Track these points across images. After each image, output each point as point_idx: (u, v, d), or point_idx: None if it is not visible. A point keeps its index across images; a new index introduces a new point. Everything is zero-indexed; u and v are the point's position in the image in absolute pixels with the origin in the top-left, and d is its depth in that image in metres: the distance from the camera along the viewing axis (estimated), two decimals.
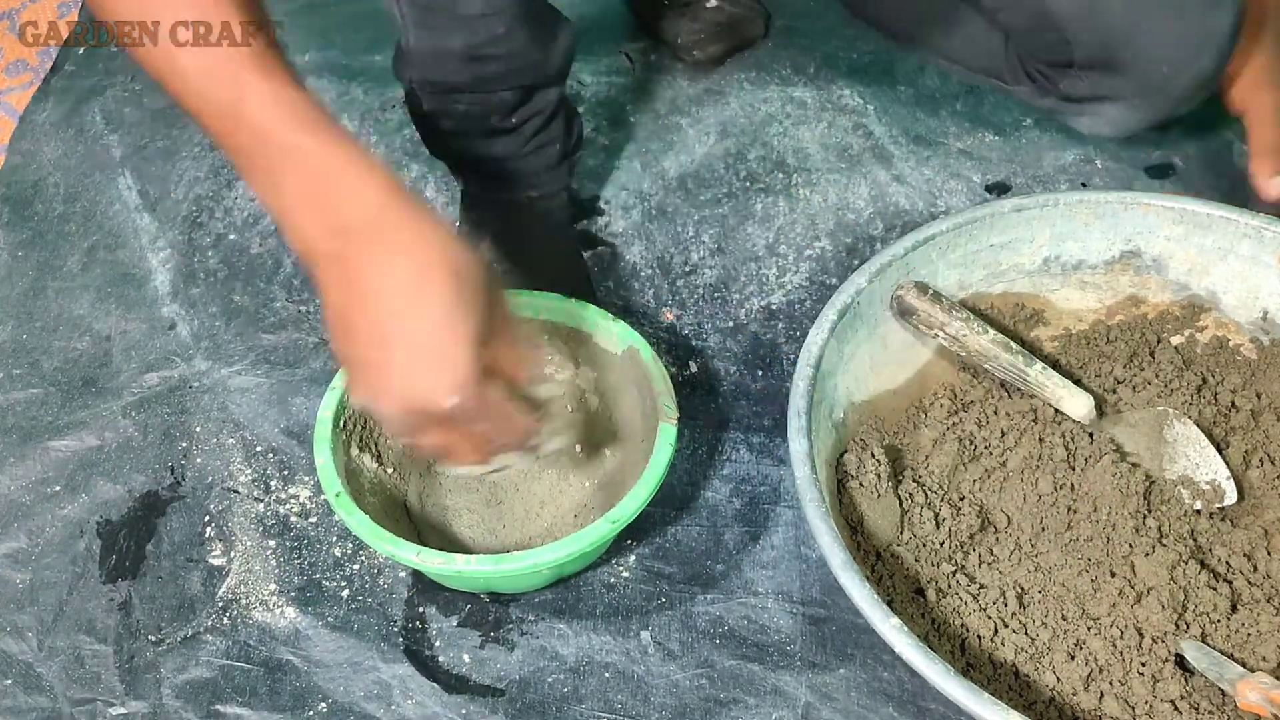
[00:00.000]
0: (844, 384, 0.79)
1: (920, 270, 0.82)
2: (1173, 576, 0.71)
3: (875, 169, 1.10)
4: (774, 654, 0.77)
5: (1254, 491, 0.78)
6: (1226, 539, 0.75)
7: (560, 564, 0.72)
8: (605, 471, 0.83)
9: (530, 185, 0.98)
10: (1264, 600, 0.71)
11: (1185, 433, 0.79)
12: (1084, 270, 0.86)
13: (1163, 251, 0.84)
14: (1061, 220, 0.83)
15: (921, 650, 0.62)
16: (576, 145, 0.99)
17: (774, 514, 0.84)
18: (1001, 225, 0.83)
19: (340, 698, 0.75)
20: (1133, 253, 0.85)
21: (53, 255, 1.04)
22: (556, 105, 0.93)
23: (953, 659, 0.70)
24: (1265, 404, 0.82)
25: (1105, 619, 0.71)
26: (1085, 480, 0.76)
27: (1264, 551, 0.74)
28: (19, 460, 0.88)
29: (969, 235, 0.82)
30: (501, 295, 0.61)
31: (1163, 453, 0.79)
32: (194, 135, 1.14)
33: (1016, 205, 0.83)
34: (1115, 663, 0.69)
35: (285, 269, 1.02)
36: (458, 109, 0.90)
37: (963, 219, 0.82)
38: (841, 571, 0.65)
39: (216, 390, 0.93)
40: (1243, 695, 0.65)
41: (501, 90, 0.88)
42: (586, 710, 0.75)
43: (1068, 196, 0.83)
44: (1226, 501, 0.77)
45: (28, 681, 0.76)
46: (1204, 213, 0.82)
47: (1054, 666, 0.70)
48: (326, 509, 0.85)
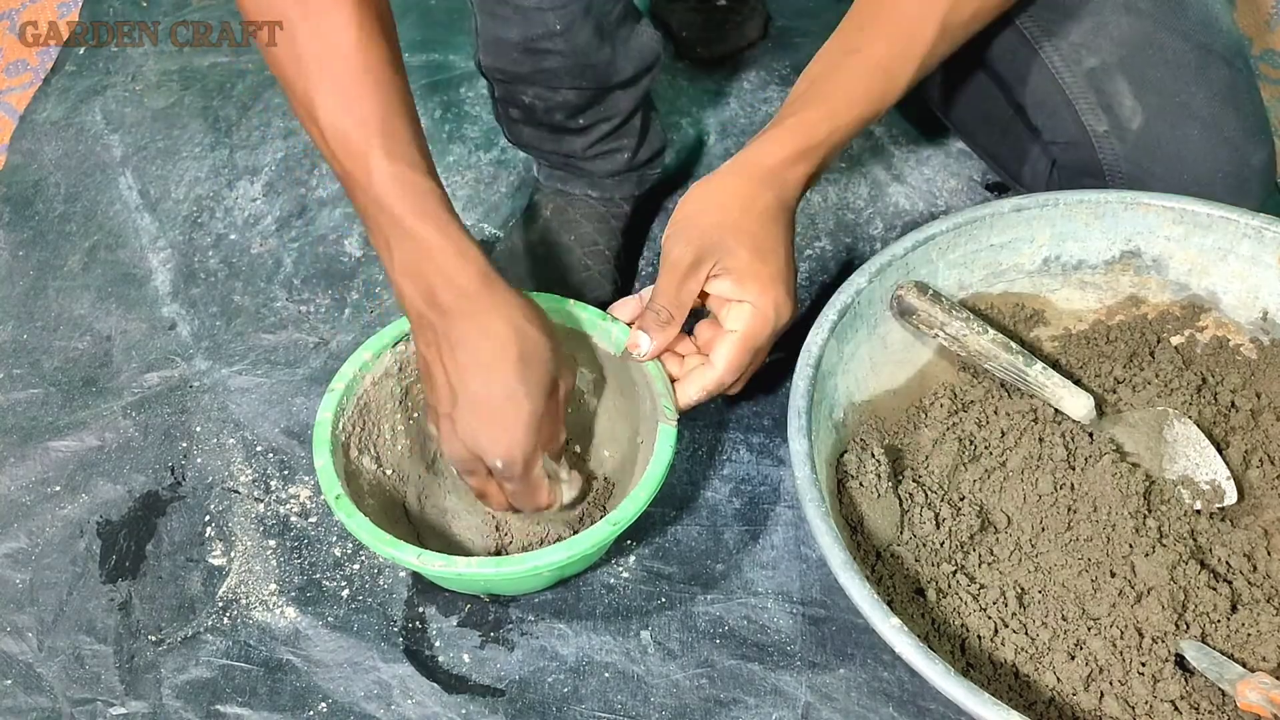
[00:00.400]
0: (844, 384, 0.79)
1: (920, 270, 0.82)
2: (1173, 576, 0.71)
3: (875, 169, 1.10)
4: (774, 654, 0.77)
5: (1254, 491, 0.78)
6: (1226, 539, 0.75)
7: (561, 566, 0.72)
8: (605, 472, 0.83)
9: (592, 186, 0.98)
10: (1264, 600, 0.71)
11: (1185, 433, 0.79)
12: (1084, 270, 0.86)
13: (1163, 252, 0.84)
14: (1062, 220, 0.83)
15: (921, 650, 0.62)
16: (653, 158, 0.99)
17: (774, 514, 0.84)
18: (1001, 225, 0.83)
19: (340, 698, 0.75)
20: (1133, 253, 0.85)
21: (53, 255, 1.04)
22: (631, 112, 0.93)
23: (952, 659, 0.70)
24: (1265, 404, 0.82)
25: (1105, 619, 0.71)
26: (1085, 480, 0.76)
27: (1264, 551, 0.74)
28: (19, 460, 0.88)
29: (969, 235, 0.82)
30: (559, 377, 0.71)
31: (1163, 453, 0.79)
32: (194, 135, 1.14)
33: (1016, 205, 0.82)
34: (1115, 663, 0.69)
35: (285, 269, 1.02)
36: (524, 100, 0.90)
37: (962, 219, 0.82)
38: (841, 571, 0.65)
39: (217, 390, 0.93)
40: (1242, 695, 0.64)
41: (565, 89, 0.88)
42: (586, 710, 0.75)
43: (1067, 196, 0.83)
44: (1226, 501, 0.77)
45: (28, 681, 0.77)
46: (1204, 213, 0.81)
47: (1054, 666, 0.70)
48: (326, 509, 0.85)
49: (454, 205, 0.71)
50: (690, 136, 1.14)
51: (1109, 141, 0.86)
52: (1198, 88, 0.83)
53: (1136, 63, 0.84)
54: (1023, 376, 0.80)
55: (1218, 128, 0.83)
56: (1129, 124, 0.85)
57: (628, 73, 0.89)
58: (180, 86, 1.19)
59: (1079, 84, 0.86)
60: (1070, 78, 0.86)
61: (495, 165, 1.11)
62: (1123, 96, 0.85)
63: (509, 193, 1.09)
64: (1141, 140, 0.85)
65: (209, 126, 1.15)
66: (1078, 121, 0.87)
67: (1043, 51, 0.87)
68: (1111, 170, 0.86)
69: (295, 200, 1.08)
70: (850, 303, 0.78)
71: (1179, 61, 0.84)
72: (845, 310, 0.77)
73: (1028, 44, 0.88)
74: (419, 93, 1.17)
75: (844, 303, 0.78)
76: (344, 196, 1.08)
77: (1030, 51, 0.88)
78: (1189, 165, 0.84)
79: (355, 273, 1.02)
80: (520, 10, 0.81)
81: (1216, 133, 0.83)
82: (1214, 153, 0.83)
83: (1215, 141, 0.83)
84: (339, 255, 1.04)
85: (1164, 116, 0.84)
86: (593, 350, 0.83)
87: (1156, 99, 0.84)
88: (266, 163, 1.12)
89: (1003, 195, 1.07)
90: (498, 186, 1.09)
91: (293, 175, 1.11)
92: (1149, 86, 0.84)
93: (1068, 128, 0.88)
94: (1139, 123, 0.84)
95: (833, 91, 0.77)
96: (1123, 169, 0.86)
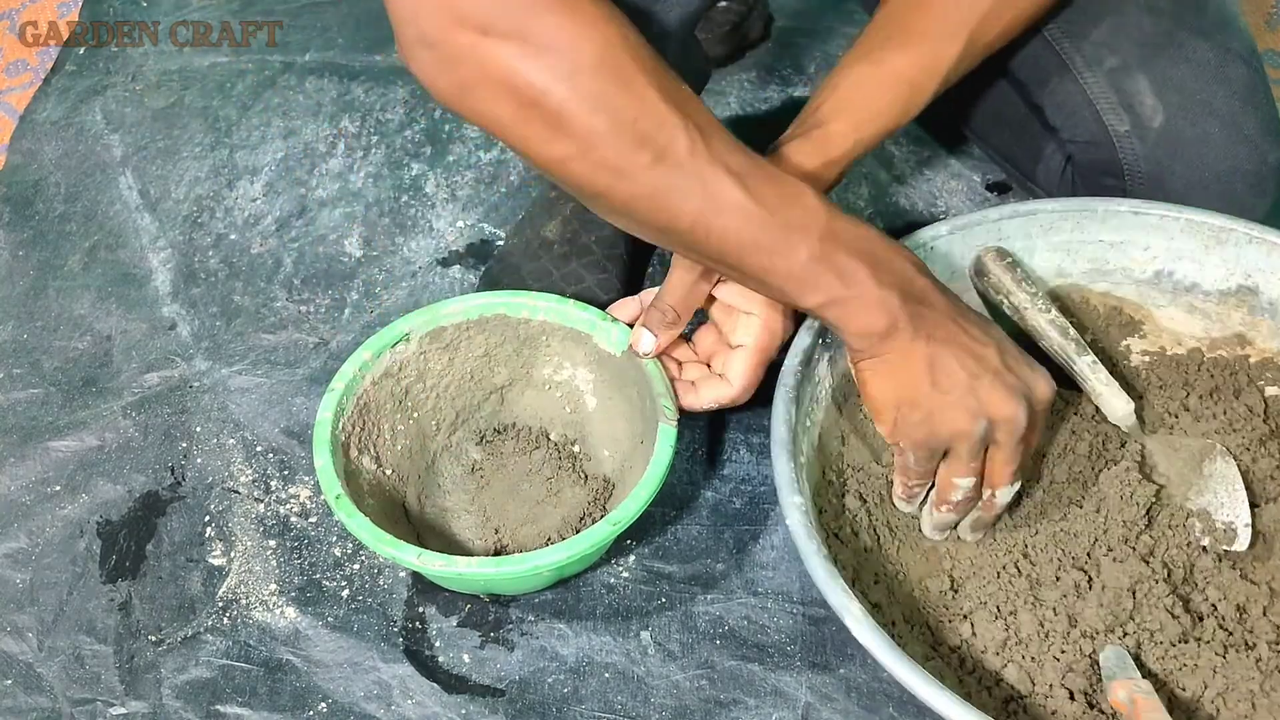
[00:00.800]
0: None
1: (1016, 242, 0.81)
2: (1134, 588, 0.70)
3: (875, 169, 1.10)
4: (774, 654, 0.77)
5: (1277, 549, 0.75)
6: (1225, 583, 0.72)
7: (561, 566, 0.72)
8: (605, 472, 0.83)
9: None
10: (1225, 644, 0.69)
11: (1224, 471, 0.77)
12: (1196, 294, 0.83)
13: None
14: (1181, 235, 0.81)
15: (827, 569, 0.65)
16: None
17: (774, 514, 0.84)
18: (1115, 223, 0.81)
19: (340, 698, 0.75)
20: (1250, 289, 0.81)
21: (53, 255, 1.04)
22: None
23: (875, 590, 0.71)
24: None
25: (1048, 601, 0.71)
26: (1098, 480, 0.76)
27: (1260, 609, 0.71)
28: (19, 460, 0.88)
29: (1076, 223, 0.81)
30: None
31: (1194, 483, 0.77)
32: (194, 135, 1.14)
33: (1134, 208, 0.81)
34: (1035, 639, 0.69)
35: (285, 269, 1.02)
36: None
37: (1073, 205, 0.81)
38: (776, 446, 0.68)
39: (217, 390, 0.93)
40: (1113, 692, 0.65)
41: None
42: (586, 710, 0.75)
43: (1192, 213, 0.80)
44: (1235, 546, 0.74)
45: (28, 681, 0.77)
46: None
47: (974, 621, 0.70)
48: (326, 509, 0.85)
49: (455, 205, 0.70)
50: None
51: (1130, 141, 0.85)
52: (1218, 86, 0.83)
53: (1158, 62, 0.84)
54: (1071, 363, 0.78)
55: (1238, 126, 0.83)
56: (1150, 123, 0.84)
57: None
58: (180, 86, 1.19)
59: (1100, 83, 0.86)
60: (1091, 77, 0.86)
61: (496, 165, 1.11)
62: (1144, 95, 0.84)
63: (509, 193, 1.09)
64: (1162, 139, 0.84)
65: (209, 126, 1.15)
66: (1098, 120, 0.86)
67: (1064, 52, 0.87)
68: (1131, 169, 0.86)
69: (295, 200, 1.08)
70: (924, 243, 0.78)
71: (1200, 60, 0.84)
72: (916, 248, 0.78)
73: (1049, 45, 0.88)
74: (420, 92, 1.17)
75: (917, 241, 0.78)
76: (344, 196, 1.08)
77: (1051, 52, 0.88)
78: (1210, 164, 0.84)
79: (355, 273, 1.02)
80: None
81: (1237, 131, 0.83)
82: (1234, 151, 0.83)
83: (1236, 140, 0.83)
84: (339, 255, 1.03)
85: (1185, 115, 0.84)
86: (593, 350, 0.83)
87: (1178, 97, 0.84)
88: (266, 163, 1.12)
89: (1003, 196, 1.07)
90: (498, 186, 1.09)
91: (293, 175, 1.11)
92: (1170, 85, 0.84)
93: (1088, 127, 0.87)
94: (1160, 121, 0.84)
95: (856, 104, 0.76)
96: (1143, 168, 0.86)
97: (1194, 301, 0.83)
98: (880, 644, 0.62)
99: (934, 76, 0.77)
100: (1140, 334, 0.85)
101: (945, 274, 0.80)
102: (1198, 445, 0.78)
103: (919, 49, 0.77)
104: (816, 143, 0.75)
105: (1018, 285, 0.80)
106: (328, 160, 1.12)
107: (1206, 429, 0.80)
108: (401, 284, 1.01)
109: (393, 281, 1.01)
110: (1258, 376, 0.82)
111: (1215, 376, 0.83)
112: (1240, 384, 0.82)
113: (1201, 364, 0.84)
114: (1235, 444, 0.79)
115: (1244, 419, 0.80)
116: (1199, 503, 0.76)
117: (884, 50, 0.77)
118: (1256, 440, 0.79)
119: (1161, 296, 0.84)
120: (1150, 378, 0.84)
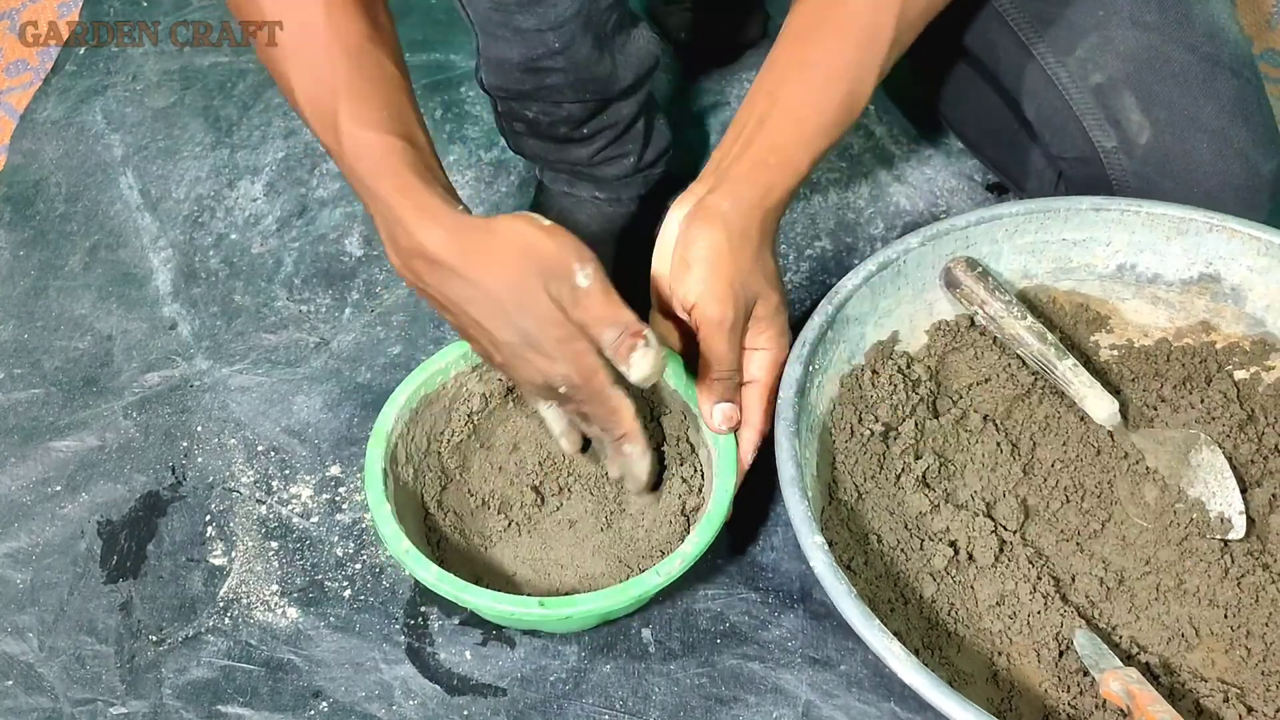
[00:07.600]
0: (872, 334, 0.80)
1: (982, 248, 0.81)
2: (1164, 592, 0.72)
3: (875, 169, 1.10)
4: (775, 651, 0.77)
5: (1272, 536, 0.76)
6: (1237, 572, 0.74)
7: (606, 612, 0.71)
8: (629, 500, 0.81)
9: (599, 189, 0.98)
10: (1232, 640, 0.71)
11: (1211, 460, 0.77)
12: (1159, 285, 0.83)
13: (1243, 281, 0.81)
14: (1142, 229, 0.81)
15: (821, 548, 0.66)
16: (657, 158, 0.99)
17: (774, 512, 0.84)
18: (1077, 222, 0.82)
19: (342, 697, 0.75)
20: (1212, 277, 0.82)
21: (54, 255, 1.04)
22: (633, 118, 0.93)
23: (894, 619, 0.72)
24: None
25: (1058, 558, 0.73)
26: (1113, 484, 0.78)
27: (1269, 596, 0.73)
28: (20, 460, 0.88)
29: (1040, 224, 0.81)
30: (572, 270, 0.68)
31: (1183, 475, 0.77)
32: (195, 135, 1.14)
33: (1095, 205, 0.81)
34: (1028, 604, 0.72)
35: (286, 268, 1.02)
36: (527, 115, 0.90)
37: (1035, 206, 0.81)
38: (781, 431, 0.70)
39: (217, 390, 0.93)
40: (1105, 684, 0.65)
41: (568, 103, 0.88)
42: (588, 708, 0.75)
43: (1152, 206, 0.81)
44: (1231, 535, 0.75)
45: (29, 682, 0.77)
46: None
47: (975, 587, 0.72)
48: (328, 508, 0.85)
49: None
50: (690, 137, 1.14)
51: (1117, 157, 0.85)
52: (1206, 100, 0.83)
53: (1143, 77, 0.84)
54: (1051, 368, 0.79)
55: (1227, 140, 0.83)
56: (1137, 139, 0.84)
57: (628, 80, 0.89)
58: (180, 86, 1.19)
59: (1086, 100, 0.85)
60: (1077, 94, 0.86)
61: (496, 165, 1.11)
62: (1130, 112, 0.84)
63: (509, 192, 1.09)
64: (1150, 155, 0.84)
65: (209, 126, 1.15)
66: (1085, 137, 0.86)
67: (1049, 68, 0.87)
68: (1120, 186, 0.86)
69: (296, 200, 1.08)
70: (895, 259, 0.78)
71: (1186, 75, 0.83)
72: (887, 264, 0.78)
73: (1034, 60, 0.88)
74: (420, 93, 1.17)
75: (888, 258, 0.78)
76: (345, 196, 1.08)
77: (1037, 68, 0.87)
78: (1199, 179, 0.83)
79: (355, 273, 1.02)
80: (519, 32, 0.81)
81: (1226, 145, 0.83)
82: (1224, 165, 0.83)
83: (1225, 154, 0.83)
84: (339, 255, 1.04)
85: (1172, 130, 0.83)
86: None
87: (1164, 113, 0.83)
88: (267, 162, 1.12)
89: (1003, 196, 1.07)
90: (498, 186, 1.09)
91: (293, 175, 1.11)
92: (1156, 101, 0.83)
93: (1075, 143, 0.87)
94: (1146, 138, 0.84)
95: (801, 111, 0.74)
96: (1131, 184, 0.85)
97: (1157, 293, 0.84)
98: (926, 682, 0.61)
99: (871, 71, 0.74)
100: (1107, 329, 0.86)
101: (922, 287, 0.81)
102: (1182, 436, 0.79)
103: (850, 43, 0.74)
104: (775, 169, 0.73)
105: (991, 294, 0.80)
106: (328, 160, 1.12)
107: (1186, 419, 0.81)
108: (402, 284, 1.01)
109: (393, 281, 1.01)
110: (1225, 361, 0.83)
111: (1186, 365, 0.84)
112: (1210, 370, 0.83)
113: (1170, 354, 0.84)
114: (1216, 432, 0.80)
115: (1220, 406, 0.81)
116: (1192, 494, 0.77)
117: (812, 46, 0.75)
118: (1235, 426, 0.80)
119: (1125, 290, 0.84)
120: (1122, 371, 0.85)
